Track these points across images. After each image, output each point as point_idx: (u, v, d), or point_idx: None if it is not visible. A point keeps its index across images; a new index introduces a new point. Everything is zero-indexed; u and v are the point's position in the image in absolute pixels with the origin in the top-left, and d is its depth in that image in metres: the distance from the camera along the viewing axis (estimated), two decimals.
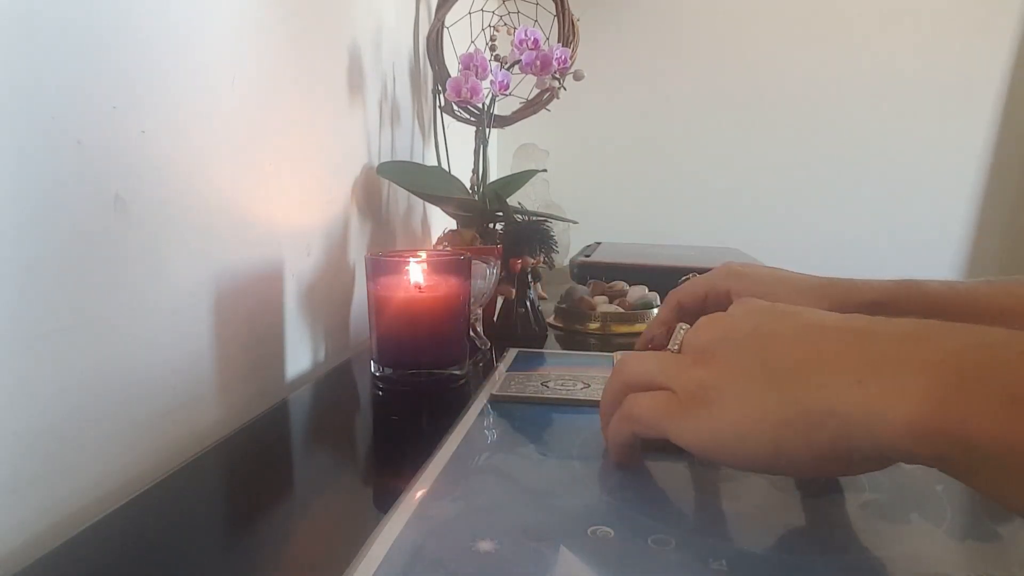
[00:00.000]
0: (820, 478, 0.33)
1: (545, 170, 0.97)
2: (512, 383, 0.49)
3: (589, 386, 0.48)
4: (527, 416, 0.44)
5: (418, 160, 0.91)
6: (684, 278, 0.53)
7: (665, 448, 0.36)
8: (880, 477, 0.34)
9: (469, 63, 0.74)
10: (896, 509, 0.30)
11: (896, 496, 0.32)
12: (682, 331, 0.35)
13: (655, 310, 0.72)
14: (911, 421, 0.22)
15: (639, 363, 0.34)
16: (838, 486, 0.33)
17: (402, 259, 0.53)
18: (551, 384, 0.49)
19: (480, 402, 0.46)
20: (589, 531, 0.28)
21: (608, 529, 0.28)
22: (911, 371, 0.23)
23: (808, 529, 0.29)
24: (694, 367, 0.31)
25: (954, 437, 0.21)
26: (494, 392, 0.47)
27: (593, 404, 0.45)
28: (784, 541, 0.28)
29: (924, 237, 1.37)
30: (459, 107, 0.84)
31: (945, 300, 0.46)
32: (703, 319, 0.34)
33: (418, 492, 0.32)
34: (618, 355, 0.56)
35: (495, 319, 0.69)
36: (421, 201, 0.90)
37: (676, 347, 0.35)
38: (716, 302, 0.52)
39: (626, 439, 0.33)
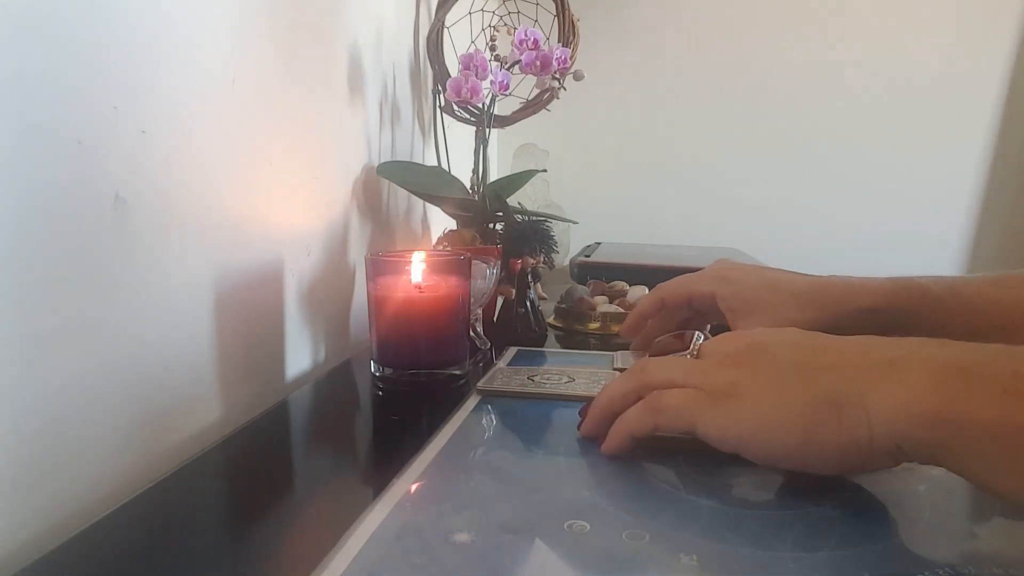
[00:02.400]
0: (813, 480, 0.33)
1: (545, 170, 0.97)
2: (499, 377, 0.49)
3: (573, 380, 0.49)
4: (515, 411, 0.44)
5: (418, 160, 0.91)
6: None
7: (661, 447, 0.37)
8: (862, 476, 0.34)
9: (469, 63, 0.74)
10: (873, 509, 0.30)
11: (874, 497, 0.32)
12: (700, 339, 0.36)
13: None
14: (919, 410, 0.25)
15: (662, 366, 0.35)
16: (824, 487, 0.33)
17: (402, 259, 0.53)
18: (536, 379, 0.49)
19: (470, 397, 0.46)
20: (566, 525, 0.29)
21: (584, 523, 0.29)
22: (921, 368, 0.26)
23: (782, 526, 0.29)
24: (720, 368, 0.33)
25: (954, 424, 0.24)
26: (479, 386, 0.47)
27: (576, 398, 0.46)
28: (757, 537, 0.28)
29: (924, 236, 1.37)
30: (459, 107, 0.84)
31: (944, 300, 0.46)
32: (726, 334, 0.36)
33: (401, 485, 0.32)
34: (619, 355, 0.57)
35: (495, 319, 0.69)
36: (421, 201, 0.90)
37: (694, 354, 0.35)
38: (701, 304, 0.52)
39: (645, 431, 0.34)
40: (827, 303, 0.47)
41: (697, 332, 0.37)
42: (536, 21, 0.91)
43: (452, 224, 0.78)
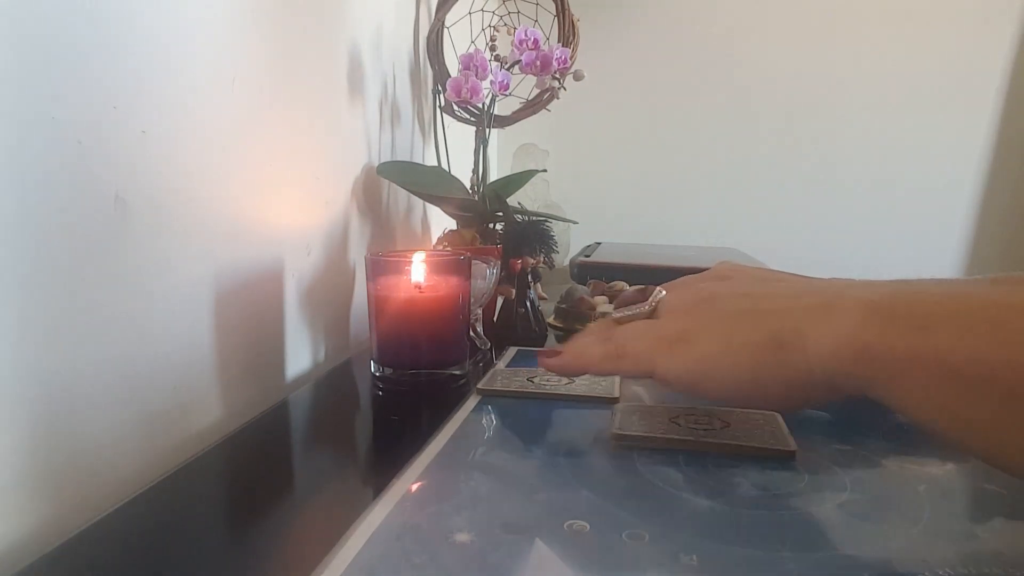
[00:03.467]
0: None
1: (545, 170, 0.97)
2: (499, 378, 0.49)
3: (573, 381, 0.49)
4: (515, 411, 0.44)
5: (418, 160, 0.91)
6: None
7: (661, 447, 0.37)
8: (862, 477, 0.34)
9: (469, 63, 0.74)
10: (873, 509, 0.30)
11: (875, 497, 0.32)
12: (661, 294, 0.39)
13: None
14: (848, 346, 0.27)
15: (629, 328, 0.38)
16: (824, 487, 0.33)
17: (402, 259, 0.53)
18: (536, 380, 0.49)
19: (470, 398, 0.46)
20: (565, 525, 0.29)
21: (584, 523, 0.29)
22: (854, 307, 0.28)
23: (782, 526, 0.29)
24: (675, 319, 0.36)
25: (877, 357, 0.26)
26: (479, 386, 0.47)
27: (577, 399, 0.46)
28: (757, 537, 0.28)
29: (924, 236, 1.37)
30: (459, 107, 0.84)
31: (941, 302, 0.46)
32: (679, 281, 0.39)
33: (402, 485, 0.32)
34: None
35: (495, 319, 0.69)
36: (421, 201, 0.90)
37: (652, 306, 0.38)
38: None
39: (605, 373, 0.38)
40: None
41: (659, 288, 0.39)
42: (536, 21, 0.91)
43: (452, 224, 0.78)
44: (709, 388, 0.32)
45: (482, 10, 0.95)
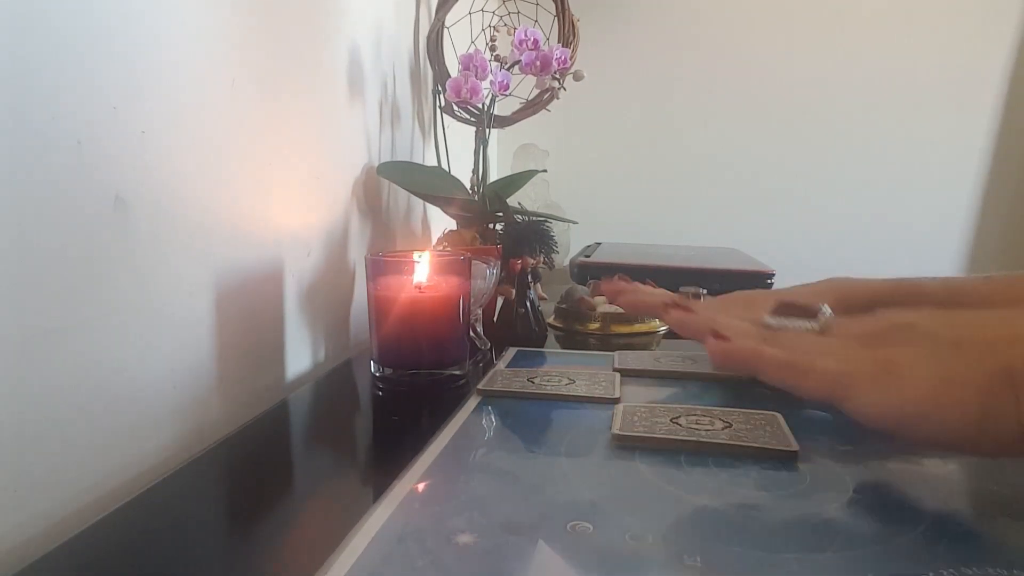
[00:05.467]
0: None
1: (545, 170, 0.97)
2: (499, 378, 0.49)
3: (574, 382, 0.49)
4: (516, 411, 0.44)
5: (418, 160, 0.91)
6: (686, 289, 0.53)
7: (662, 447, 0.37)
8: (864, 477, 0.34)
9: (469, 63, 0.74)
10: (875, 509, 0.30)
11: (877, 497, 0.32)
12: (828, 313, 0.34)
13: None
14: None
15: (800, 339, 0.33)
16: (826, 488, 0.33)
17: (402, 259, 0.53)
18: (537, 380, 0.49)
19: (470, 398, 0.46)
20: (568, 526, 0.28)
21: (587, 524, 0.29)
22: None
23: (786, 528, 0.29)
24: (866, 346, 0.31)
25: None
26: (479, 387, 0.47)
27: (577, 399, 0.46)
28: (760, 539, 0.28)
29: (925, 235, 1.37)
30: (459, 107, 0.84)
31: (940, 298, 0.47)
32: (852, 316, 0.34)
33: (404, 486, 0.32)
34: (618, 355, 0.56)
35: (495, 319, 0.69)
36: (421, 201, 0.90)
37: (822, 324, 0.33)
38: None
39: (777, 383, 0.31)
40: (838, 298, 0.47)
41: (824, 305, 0.34)
42: (536, 21, 0.91)
43: (452, 224, 0.78)
44: (922, 431, 0.28)
45: (482, 10, 0.95)
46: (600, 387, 0.48)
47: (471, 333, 0.60)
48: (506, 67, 0.79)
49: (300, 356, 0.59)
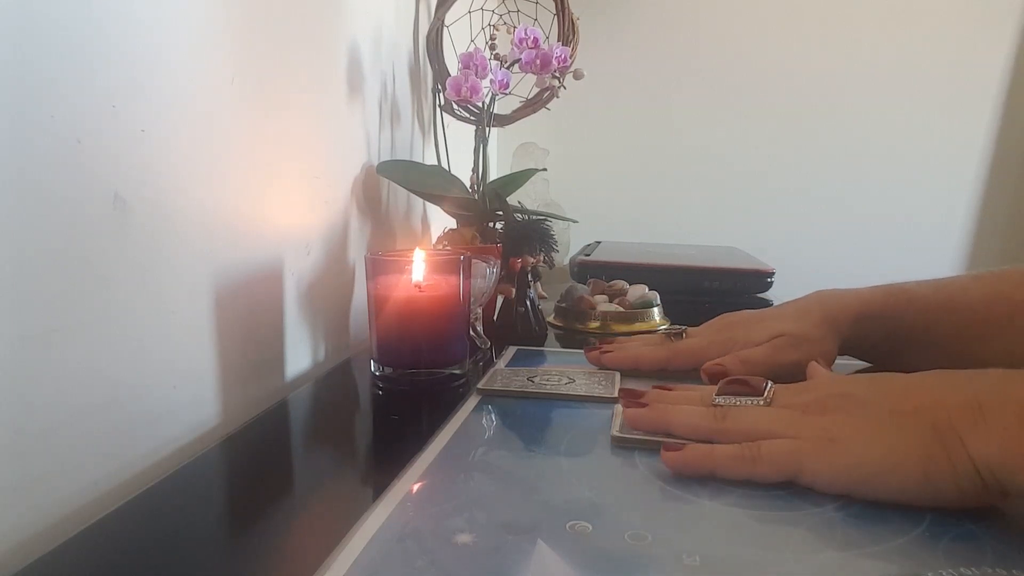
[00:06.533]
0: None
1: (545, 169, 0.97)
2: (499, 377, 0.49)
3: (574, 381, 0.49)
4: (515, 411, 0.44)
5: (418, 159, 0.91)
6: (667, 329, 0.54)
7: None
8: None
9: (469, 62, 0.74)
10: (875, 510, 0.30)
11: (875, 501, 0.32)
12: (771, 386, 0.37)
13: (655, 309, 0.72)
14: (1016, 455, 0.27)
15: (746, 415, 0.36)
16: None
17: (402, 258, 0.53)
18: (536, 379, 0.49)
19: (470, 398, 0.46)
20: (567, 526, 0.29)
21: (587, 524, 0.29)
22: (1009, 413, 0.28)
23: (784, 527, 0.29)
24: (809, 416, 0.34)
25: None
26: (479, 386, 0.47)
27: (577, 399, 0.46)
28: (759, 538, 0.28)
29: (925, 234, 1.37)
30: (459, 106, 0.84)
31: (930, 302, 0.47)
32: (794, 384, 0.38)
33: (403, 486, 0.32)
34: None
35: (495, 318, 0.69)
36: (421, 201, 0.90)
37: (768, 400, 0.37)
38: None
39: (736, 477, 0.33)
40: (828, 311, 0.48)
41: (767, 380, 0.38)
42: (536, 20, 0.91)
43: (452, 223, 0.78)
44: (870, 492, 0.31)
45: (482, 9, 0.95)
46: (600, 387, 0.48)
47: (471, 332, 0.60)
48: (506, 66, 0.78)
49: (300, 356, 0.59)
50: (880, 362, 0.51)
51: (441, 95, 0.86)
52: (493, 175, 0.83)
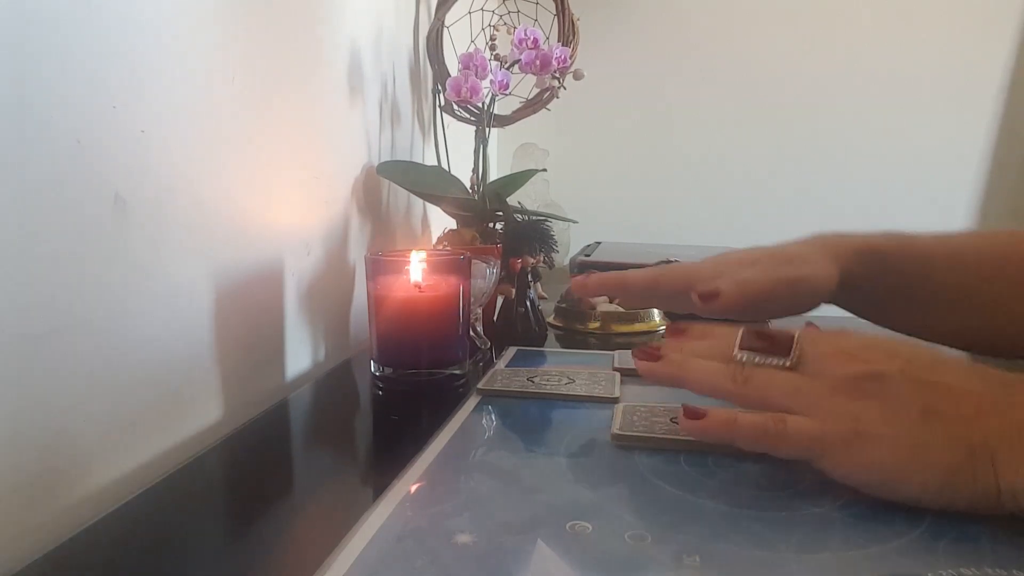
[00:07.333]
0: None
1: (545, 170, 0.97)
2: (499, 378, 0.49)
3: (573, 381, 0.49)
4: (515, 411, 0.44)
5: (418, 160, 0.91)
6: (663, 260, 0.50)
7: (663, 448, 0.36)
8: None
9: (469, 63, 0.74)
10: (875, 510, 0.30)
11: (877, 498, 0.32)
12: (797, 343, 0.34)
13: (655, 309, 0.72)
14: None
15: (770, 382, 0.34)
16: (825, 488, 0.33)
17: (402, 259, 0.53)
18: (536, 379, 0.49)
19: (470, 398, 0.46)
20: (567, 526, 0.28)
21: (587, 524, 0.29)
22: None
23: (784, 527, 0.29)
24: (837, 397, 0.32)
25: None
26: (479, 386, 0.47)
27: (577, 399, 0.46)
28: (759, 538, 0.28)
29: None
30: (459, 107, 0.84)
31: (934, 252, 0.46)
32: (828, 343, 0.35)
33: (403, 486, 0.32)
34: (618, 355, 0.56)
35: (495, 319, 0.69)
36: (421, 201, 0.90)
37: (794, 359, 0.34)
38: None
39: (757, 450, 0.32)
40: (828, 241, 0.46)
41: (795, 334, 0.35)
42: (536, 20, 0.91)
43: (452, 224, 0.78)
44: (886, 493, 0.30)
45: (482, 9, 0.95)
46: (600, 386, 0.47)
47: (471, 332, 0.60)
48: (506, 66, 0.78)
49: (300, 356, 0.59)
50: (873, 313, 0.48)
51: (441, 95, 0.86)
52: (493, 175, 0.83)
